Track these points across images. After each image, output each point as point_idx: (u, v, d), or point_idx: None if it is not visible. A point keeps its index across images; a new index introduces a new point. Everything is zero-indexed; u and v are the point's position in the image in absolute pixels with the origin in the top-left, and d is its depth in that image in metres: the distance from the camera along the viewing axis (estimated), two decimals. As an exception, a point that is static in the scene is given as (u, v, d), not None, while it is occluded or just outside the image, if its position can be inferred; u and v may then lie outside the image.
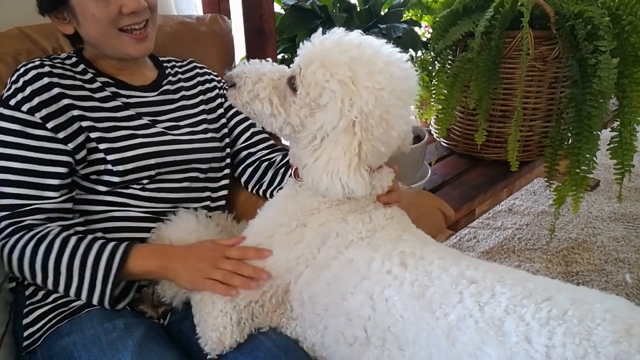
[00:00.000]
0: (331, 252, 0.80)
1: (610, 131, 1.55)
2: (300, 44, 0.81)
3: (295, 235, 0.83)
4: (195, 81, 1.15)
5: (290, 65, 0.83)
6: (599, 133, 1.49)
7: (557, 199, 1.59)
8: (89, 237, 0.87)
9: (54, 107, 0.90)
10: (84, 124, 0.93)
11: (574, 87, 1.51)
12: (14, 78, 0.91)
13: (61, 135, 0.90)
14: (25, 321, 0.86)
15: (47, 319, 0.85)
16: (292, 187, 0.89)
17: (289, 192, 0.90)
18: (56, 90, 0.91)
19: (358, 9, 1.84)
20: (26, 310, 0.88)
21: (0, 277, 0.94)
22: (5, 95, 0.90)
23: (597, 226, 2.26)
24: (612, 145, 1.53)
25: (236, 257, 0.85)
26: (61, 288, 0.85)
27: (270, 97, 0.82)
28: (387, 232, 0.81)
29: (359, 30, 0.81)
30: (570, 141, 1.57)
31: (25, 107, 0.88)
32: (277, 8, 1.73)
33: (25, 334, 0.85)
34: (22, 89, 0.89)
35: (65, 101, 0.91)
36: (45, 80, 0.91)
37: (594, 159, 1.50)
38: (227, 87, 0.87)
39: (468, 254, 2.09)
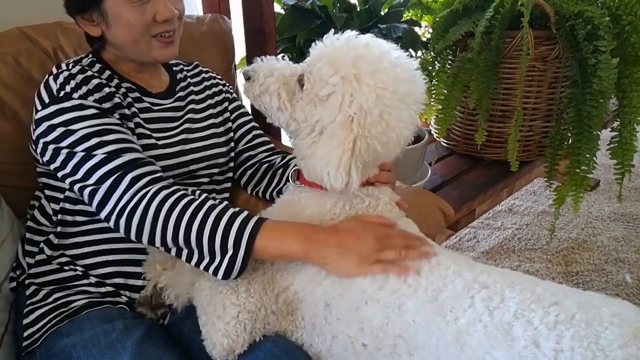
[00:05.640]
0: None
1: (610, 131, 1.55)
2: (313, 44, 0.82)
3: None
4: (202, 86, 1.15)
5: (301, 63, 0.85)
6: (599, 133, 1.49)
7: (557, 199, 1.58)
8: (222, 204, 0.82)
9: (108, 104, 0.91)
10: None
11: (574, 87, 1.51)
12: (51, 81, 0.90)
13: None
14: (25, 321, 0.87)
15: (47, 319, 0.85)
16: (298, 193, 0.90)
17: (291, 199, 0.90)
18: (96, 81, 0.92)
19: (358, 9, 1.84)
20: (26, 310, 0.88)
21: (1, 277, 0.94)
22: (62, 94, 0.88)
23: (597, 226, 2.26)
24: (612, 145, 1.53)
25: (399, 237, 0.81)
26: (194, 260, 0.80)
27: (279, 92, 0.83)
28: None
29: (371, 34, 0.81)
30: (570, 141, 1.57)
31: (91, 99, 0.89)
32: (277, 8, 1.72)
33: (25, 334, 0.85)
34: (71, 83, 0.89)
35: (107, 90, 0.92)
36: (80, 77, 0.91)
37: (594, 159, 1.49)
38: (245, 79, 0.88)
39: (468, 254, 2.09)
